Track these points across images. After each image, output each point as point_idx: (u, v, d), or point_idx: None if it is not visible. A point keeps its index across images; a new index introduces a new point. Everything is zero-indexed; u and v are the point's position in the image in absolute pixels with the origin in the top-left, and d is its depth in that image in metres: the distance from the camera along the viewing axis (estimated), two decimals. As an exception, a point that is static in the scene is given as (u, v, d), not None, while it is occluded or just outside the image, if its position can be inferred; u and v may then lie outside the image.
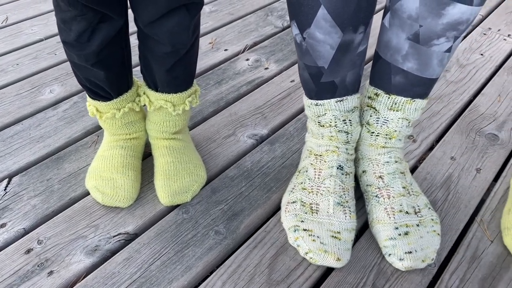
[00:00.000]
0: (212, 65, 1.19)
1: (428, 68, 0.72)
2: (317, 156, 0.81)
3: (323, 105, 0.76)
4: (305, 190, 0.79)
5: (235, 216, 0.80)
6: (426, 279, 0.72)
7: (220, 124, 0.99)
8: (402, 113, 0.77)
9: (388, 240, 0.74)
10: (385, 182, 0.78)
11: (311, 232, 0.74)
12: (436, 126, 1.03)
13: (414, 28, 0.68)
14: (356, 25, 0.68)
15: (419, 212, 0.78)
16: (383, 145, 0.79)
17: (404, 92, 0.75)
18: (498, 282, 0.72)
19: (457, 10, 0.64)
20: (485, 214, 0.83)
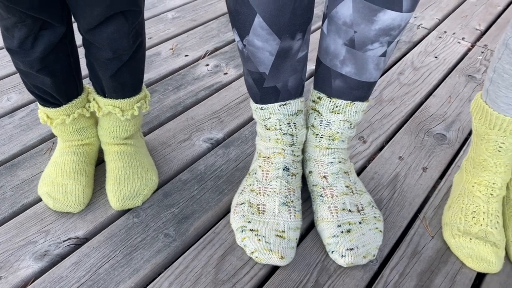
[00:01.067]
0: (171, 70, 1.21)
1: (365, 72, 0.75)
2: (265, 158, 0.83)
3: (267, 109, 0.79)
4: (253, 191, 0.81)
5: (185, 219, 0.82)
6: (367, 275, 0.75)
7: (176, 129, 1.01)
8: (343, 116, 0.80)
9: (331, 238, 0.77)
10: (329, 182, 0.81)
11: (257, 232, 0.76)
12: (387, 127, 1.06)
13: (349, 34, 0.71)
14: (293, 32, 0.71)
15: (362, 210, 0.80)
16: (327, 147, 0.82)
17: (344, 95, 0.78)
18: (436, 276, 0.76)
19: (388, 16, 0.68)
20: (428, 211, 0.87)
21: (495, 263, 0.75)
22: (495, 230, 0.78)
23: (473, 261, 0.76)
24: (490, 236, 0.78)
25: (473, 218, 0.80)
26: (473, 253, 0.77)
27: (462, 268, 0.77)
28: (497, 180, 0.81)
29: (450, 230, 0.80)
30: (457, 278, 0.75)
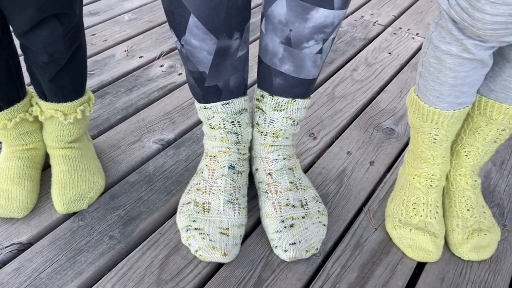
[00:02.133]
0: (125, 72, 1.20)
1: (303, 70, 0.76)
2: (212, 157, 0.84)
3: (210, 108, 0.80)
4: (199, 190, 0.82)
5: (131, 220, 0.82)
6: (310, 268, 0.76)
7: (126, 131, 1.01)
8: (285, 113, 0.81)
9: (274, 233, 0.78)
10: (274, 178, 0.82)
11: (201, 231, 0.77)
12: (337, 124, 1.08)
13: (285, 33, 0.72)
14: (229, 31, 0.71)
15: (306, 205, 0.82)
16: (271, 144, 0.83)
17: (285, 93, 0.79)
18: (377, 267, 0.78)
19: (320, 14, 0.69)
20: (373, 204, 0.89)
21: (434, 252, 0.78)
22: (434, 220, 0.81)
23: (413, 251, 0.78)
24: (430, 226, 0.80)
25: (414, 209, 0.82)
26: (413, 243, 0.79)
27: (403, 258, 0.79)
28: (435, 172, 0.83)
29: (392, 221, 0.83)
30: (398, 268, 0.78)
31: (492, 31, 0.59)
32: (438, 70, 0.68)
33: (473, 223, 0.81)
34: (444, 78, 0.69)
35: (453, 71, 0.67)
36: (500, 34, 0.60)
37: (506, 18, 0.57)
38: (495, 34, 0.59)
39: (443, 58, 0.67)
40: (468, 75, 0.68)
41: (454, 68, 0.67)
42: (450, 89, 0.70)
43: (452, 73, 0.67)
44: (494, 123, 0.77)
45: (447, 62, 0.67)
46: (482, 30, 0.59)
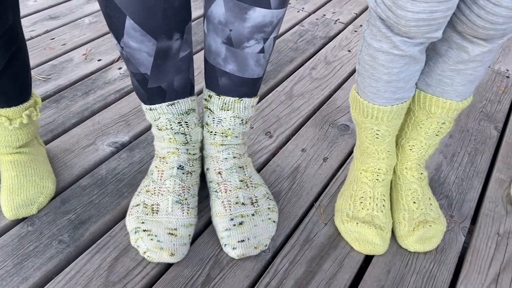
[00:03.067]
0: (82, 76, 1.20)
1: (247, 69, 0.77)
2: (161, 159, 0.84)
3: (156, 109, 0.80)
4: (149, 192, 0.82)
5: (81, 224, 0.82)
6: (259, 265, 0.77)
7: (81, 135, 1.01)
8: (233, 112, 0.82)
9: (224, 231, 0.79)
10: (223, 177, 0.83)
11: (150, 232, 0.77)
12: (294, 122, 1.10)
13: (226, 33, 0.73)
14: (168, 32, 0.72)
15: (256, 202, 0.83)
16: (221, 143, 0.84)
17: (231, 92, 0.80)
18: (325, 261, 0.79)
19: (258, 13, 0.70)
20: (324, 199, 0.90)
21: (380, 244, 0.80)
22: (381, 213, 0.82)
23: (360, 244, 0.80)
24: (376, 219, 0.82)
25: (361, 203, 0.84)
26: (360, 236, 0.81)
27: (350, 252, 0.81)
28: (381, 166, 0.85)
29: (340, 216, 0.84)
30: (345, 262, 0.79)
31: (416, 28, 0.61)
32: (373, 67, 0.70)
33: (419, 215, 0.83)
34: (379, 74, 0.70)
35: (386, 68, 0.69)
36: (424, 31, 0.61)
37: (427, 15, 0.59)
38: (420, 31, 0.61)
39: (375, 55, 0.68)
40: (401, 71, 0.69)
41: (387, 65, 0.68)
42: (385, 85, 0.71)
43: (386, 69, 0.69)
44: (433, 117, 0.79)
45: (379, 59, 0.68)
46: (407, 27, 0.61)
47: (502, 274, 0.78)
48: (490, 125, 1.13)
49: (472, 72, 0.71)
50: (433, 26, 0.61)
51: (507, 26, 0.62)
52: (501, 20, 0.61)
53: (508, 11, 0.59)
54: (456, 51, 0.69)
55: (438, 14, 0.59)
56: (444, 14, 0.59)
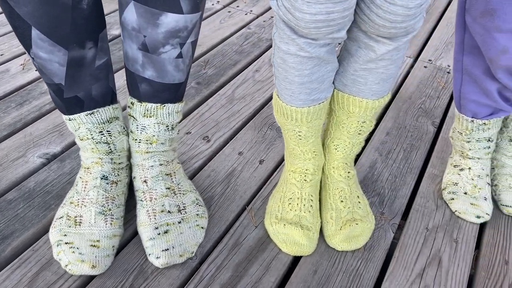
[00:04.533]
0: (18, 86, 1.17)
1: (166, 74, 0.76)
2: (86, 169, 0.83)
3: (75, 119, 0.79)
4: (72, 204, 0.80)
5: (4, 239, 0.80)
6: (184, 272, 0.77)
7: (11, 147, 0.98)
8: (156, 119, 0.81)
9: (148, 241, 0.78)
10: (149, 186, 0.82)
11: (72, 245, 0.76)
12: (233, 125, 1.09)
13: (140, 39, 0.72)
14: (80, 41, 0.71)
15: (183, 209, 0.82)
16: (146, 151, 0.83)
17: (153, 98, 0.79)
18: (252, 264, 0.78)
19: (170, 19, 0.69)
20: (256, 202, 0.90)
21: (307, 245, 0.80)
22: (309, 213, 0.83)
23: (287, 245, 0.80)
24: (304, 220, 0.82)
25: (289, 204, 0.84)
26: (287, 238, 0.80)
27: (278, 254, 0.80)
28: (309, 167, 0.85)
29: (270, 218, 0.84)
30: (272, 264, 0.79)
31: (316, 29, 0.61)
32: (285, 69, 0.70)
33: (347, 213, 0.83)
34: (291, 77, 0.70)
35: (297, 70, 0.69)
36: (325, 31, 0.62)
37: (325, 16, 0.59)
38: (321, 32, 0.61)
39: (285, 58, 0.68)
40: (312, 73, 0.70)
41: (297, 67, 0.69)
42: (299, 87, 0.71)
43: (296, 71, 0.69)
44: (353, 116, 0.79)
45: (289, 61, 0.68)
46: (307, 29, 0.61)
47: (428, 268, 0.79)
48: (427, 121, 1.14)
49: (383, 71, 0.72)
50: (334, 27, 0.61)
51: (407, 24, 0.63)
52: (400, 19, 0.61)
53: (404, 10, 0.60)
54: (365, 51, 0.70)
55: (335, 15, 0.59)
56: (341, 14, 0.60)
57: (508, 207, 0.89)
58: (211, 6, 1.64)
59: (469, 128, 0.89)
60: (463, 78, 0.85)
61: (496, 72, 0.77)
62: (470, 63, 0.83)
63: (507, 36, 0.72)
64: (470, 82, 0.84)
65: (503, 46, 0.73)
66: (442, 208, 0.90)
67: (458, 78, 0.86)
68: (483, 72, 0.81)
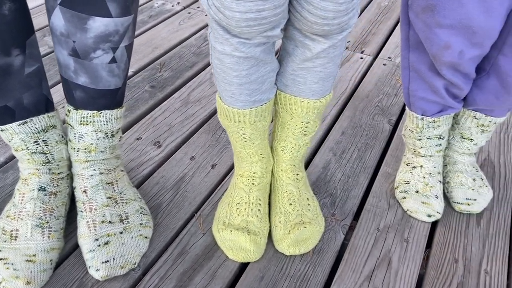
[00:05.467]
0: (-38, 96, 1.13)
1: (101, 80, 0.74)
2: (23, 181, 0.79)
3: (7, 130, 0.75)
4: (9, 217, 0.77)
5: None
6: (126, 284, 0.74)
7: (-49, 160, 0.94)
8: (93, 126, 0.78)
9: (88, 253, 0.75)
10: (89, 196, 0.79)
11: (6, 260, 0.72)
12: (186, 129, 1.07)
13: (70, 44, 0.69)
14: (5, 49, 0.68)
15: (126, 219, 0.79)
16: (85, 160, 0.80)
17: (89, 105, 0.76)
18: (197, 273, 0.76)
19: (99, 23, 0.67)
20: (206, 208, 0.88)
21: (254, 251, 0.78)
22: (256, 218, 0.81)
23: (233, 252, 0.78)
24: (251, 225, 0.80)
25: (237, 209, 0.82)
26: (234, 244, 0.78)
27: (225, 261, 0.78)
28: (256, 170, 0.83)
29: (217, 224, 0.82)
30: (218, 272, 0.77)
31: (248, 28, 0.59)
32: (222, 70, 0.68)
33: (296, 216, 0.82)
34: (230, 78, 0.68)
35: (234, 70, 0.67)
36: (258, 30, 0.60)
37: (255, 14, 0.57)
38: (253, 31, 0.60)
39: (221, 58, 0.66)
40: (250, 73, 0.68)
41: (234, 67, 0.67)
42: (239, 88, 0.69)
43: (234, 72, 0.67)
44: (296, 116, 0.77)
45: (225, 62, 0.66)
46: (238, 28, 0.59)
47: (376, 270, 0.78)
48: (384, 119, 1.13)
49: (321, 70, 0.70)
50: (266, 25, 0.59)
51: (340, 21, 0.61)
52: (331, 15, 0.60)
53: (335, 5, 0.59)
54: (301, 49, 0.68)
55: (266, 12, 0.57)
56: (273, 12, 0.58)
57: (460, 204, 0.88)
58: (171, 7, 1.61)
59: (419, 126, 0.88)
60: (410, 75, 0.85)
61: (441, 68, 0.77)
62: (416, 60, 0.82)
63: (448, 31, 0.71)
64: (418, 79, 0.84)
65: (445, 41, 0.72)
66: (394, 208, 0.89)
67: (406, 75, 0.85)
68: (428, 68, 0.80)
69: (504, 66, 0.76)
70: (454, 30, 0.71)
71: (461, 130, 0.90)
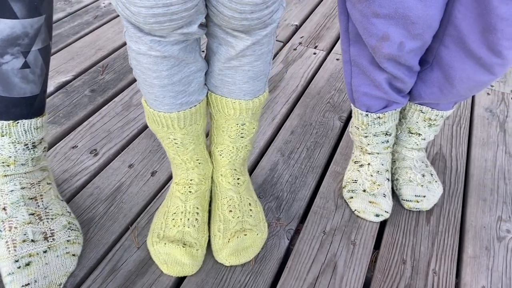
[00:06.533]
0: None
1: (13, 88, 0.67)
2: None
3: None
4: None
5: None
6: (50, 309, 0.68)
7: None
8: (9, 138, 0.71)
9: (7, 276, 0.68)
10: (8, 213, 0.73)
11: None
12: (126, 134, 1.01)
13: (-27, 49, 0.63)
14: None
15: (51, 236, 0.73)
16: (3, 174, 0.73)
17: (4, 115, 0.70)
18: (129, 291, 0.71)
19: (3, 25, 0.61)
20: (142, 219, 0.82)
21: (190, 264, 0.72)
22: (193, 228, 0.76)
23: (168, 266, 0.72)
24: (187, 236, 0.75)
25: (173, 220, 0.76)
26: (169, 258, 0.73)
27: (160, 277, 0.73)
28: (193, 176, 0.78)
29: (152, 237, 0.76)
30: (152, 289, 0.71)
31: (158, 25, 0.54)
32: (141, 71, 0.63)
33: (236, 224, 0.77)
34: (150, 79, 0.63)
35: (153, 71, 0.62)
36: (171, 27, 0.55)
37: (163, 9, 0.52)
38: (165, 27, 0.55)
39: (138, 59, 0.61)
40: (172, 74, 0.62)
41: (153, 68, 0.61)
42: (161, 91, 0.64)
43: (153, 73, 0.62)
44: (230, 118, 0.73)
45: (143, 62, 0.61)
46: (148, 24, 0.54)
47: (321, 277, 0.74)
48: (334, 116, 1.10)
49: (249, 68, 0.66)
50: (178, 21, 0.54)
51: (260, 15, 0.57)
52: (248, 8, 0.55)
53: (250, -3, 0.54)
54: (224, 47, 0.64)
55: (175, 7, 0.52)
56: (183, 6, 0.53)
57: (409, 202, 0.85)
58: (118, 7, 1.54)
59: (365, 122, 0.84)
60: (352, 70, 0.81)
61: (381, 61, 0.73)
62: (356, 54, 0.78)
63: (385, 21, 0.67)
64: (360, 73, 0.80)
65: (383, 32, 0.69)
66: (342, 208, 0.86)
67: (348, 70, 0.82)
68: (370, 62, 0.76)
69: (446, 58, 0.73)
70: (392, 20, 0.67)
71: (409, 125, 0.87)
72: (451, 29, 0.69)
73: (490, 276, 0.76)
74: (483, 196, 0.90)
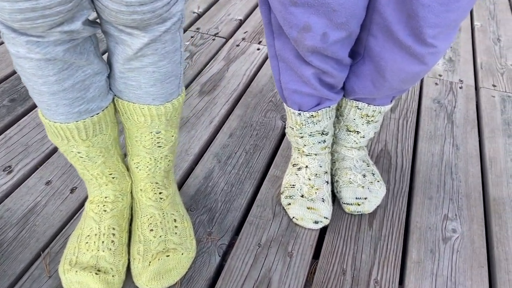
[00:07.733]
0: None
1: None
2: None
3: None
4: None
5: None
6: None
7: None
8: None
9: None
10: None
11: None
12: (46, 147, 0.91)
13: None
14: None
15: None
16: None
17: None
18: (34, 330, 0.62)
19: None
20: (57, 244, 0.73)
21: (105, 293, 0.65)
22: (108, 252, 0.67)
23: (80, 297, 0.64)
24: (102, 261, 0.67)
25: (86, 243, 0.68)
26: (81, 287, 0.65)
27: (72, 309, 0.65)
28: (108, 193, 0.70)
29: (63, 264, 0.68)
30: (62, 324, 0.63)
31: (29, 22, 0.46)
32: (26, 77, 0.54)
33: (158, 244, 0.69)
34: (37, 86, 0.55)
35: (39, 77, 0.53)
36: (46, 24, 0.47)
37: (31, 3, 0.45)
38: (39, 25, 0.47)
39: (20, 63, 0.53)
40: (61, 79, 0.54)
41: (37, 73, 0.53)
42: (53, 98, 0.56)
43: (39, 79, 0.54)
44: (142, 127, 0.65)
45: (25, 67, 0.53)
46: (17, 22, 0.46)
47: (253, 296, 0.68)
48: (276, 115, 1.03)
49: (154, 69, 0.58)
50: (54, 18, 0.47)
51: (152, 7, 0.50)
52: (136, 0, 0.48)
53: (136, -12, 0.47)
54: (121, 46, 0.56)
55: (46, 1, 0.45)
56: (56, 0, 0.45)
57: (349, 205, 0.80)
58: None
59: (299, 122, 0.78)
60: (280, 66, 0.74)
61: (305, 55, 0.66)
62: (281, 47, 0.71)
63: (305, 10, 0.60)
64: (287, 69, 0.73)
65: (304, 22, 0.62)
66: (280, 216, 0.79)
67: (275, 66, 0.75)
68: (295, 56, 0.70)
69: (375, 48, 0.67)
70: (312, 8, 0.60)
71: (346, 122, 0.82)
72: (377, 16, 0.63)
73: (434, 281, 0.71)
74: (429, 194, 0.86)
